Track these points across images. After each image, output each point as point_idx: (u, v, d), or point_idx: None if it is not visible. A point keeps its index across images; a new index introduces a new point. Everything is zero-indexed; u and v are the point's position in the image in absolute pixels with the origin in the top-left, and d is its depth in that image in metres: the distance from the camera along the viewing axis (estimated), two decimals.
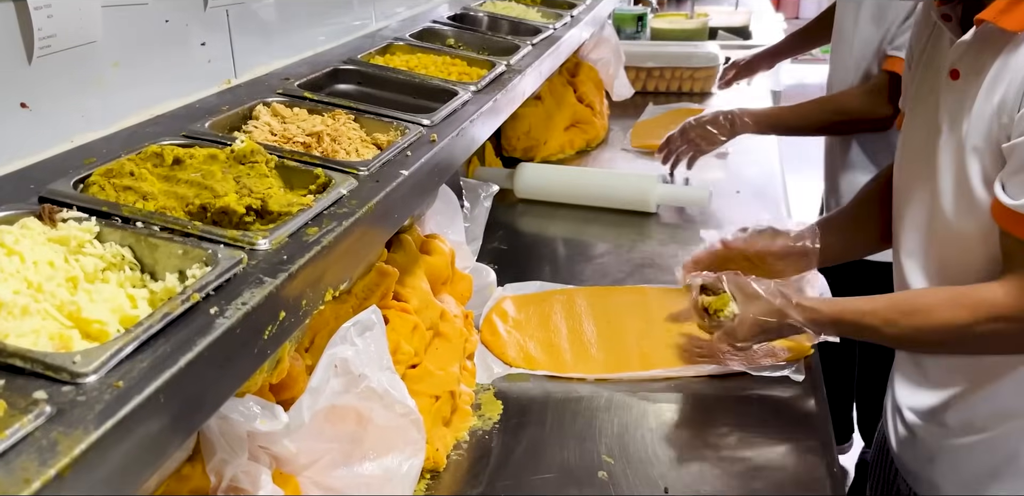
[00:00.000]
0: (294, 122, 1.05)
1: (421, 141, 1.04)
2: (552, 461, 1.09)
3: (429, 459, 1.05)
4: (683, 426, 1.16)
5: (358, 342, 0.84)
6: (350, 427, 0.87)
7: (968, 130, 1.03)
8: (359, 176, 0.90)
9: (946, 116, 1.08)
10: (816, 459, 1.09)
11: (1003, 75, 1.00)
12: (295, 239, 0.74)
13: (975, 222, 1.06)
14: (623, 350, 1.32)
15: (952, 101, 1.07)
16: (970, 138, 1.04)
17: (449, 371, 1.13)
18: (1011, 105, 0.98)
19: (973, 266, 1.07)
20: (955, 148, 1.07)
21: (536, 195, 1.95)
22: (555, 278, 1.58)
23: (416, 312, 1.11)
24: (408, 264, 1.17)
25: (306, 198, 0.81)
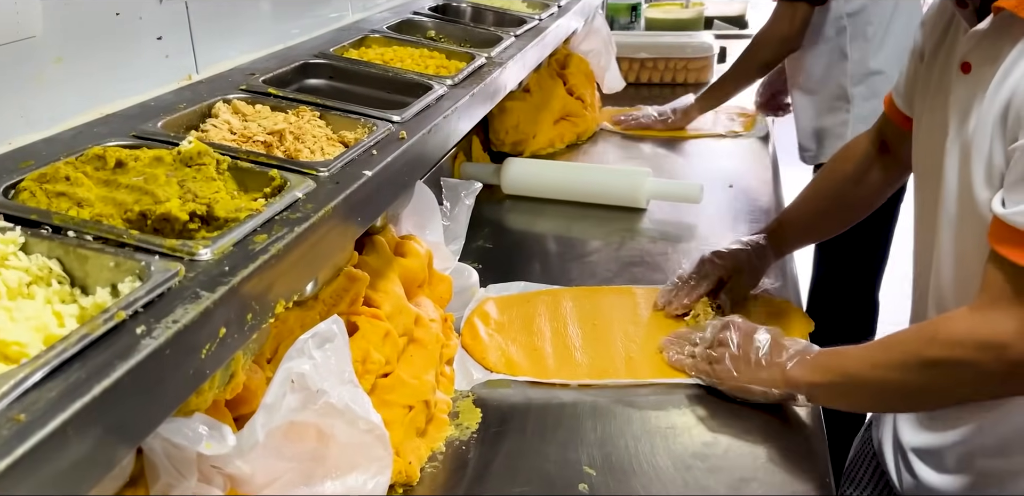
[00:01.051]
0: (255, 120, 1.00)
1: (389, 139, 0.99)
2: (531, 473, 1.04)
3: (402, 473, 1.00)
4: (668, 435, 1.11)
5: (316, 355, 0.79)
6: (310, 445, 0.82)
7: (975, 128, 0.96)
8: (318, 178, 0.85)
9: (955, 114, 1.01)
10: (808, 469, 1.04)
11: (1016, 68, 0.92)
12: (241, 248, 0.69)
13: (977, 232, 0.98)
14: (608, 355, 1.27)
15: (962, 97, 1.00)
16: (976, 137, 0.96)
17: (424, 379, 1.08)
18: (1020, 101, 0.90)
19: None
20: (961, 148, 0.99)
21: (523, 191, 1.90)
22: (541, 277, 1.53)
23: (388, 318, 1.06)
24: (381, 267, 1.12)
25: (257, 202, 0.76)
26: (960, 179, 1.00)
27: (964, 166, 0.99)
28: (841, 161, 1.42)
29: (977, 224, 0.97)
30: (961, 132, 1.00)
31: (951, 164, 1.02)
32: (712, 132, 2.28)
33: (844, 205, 1.42)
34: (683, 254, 1.62)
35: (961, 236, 1.02)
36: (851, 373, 1.02)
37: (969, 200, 0.98)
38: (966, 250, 1.01)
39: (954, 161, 1.01)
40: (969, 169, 0.98)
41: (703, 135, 2.27)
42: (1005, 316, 0.88)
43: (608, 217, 1.81)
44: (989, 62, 0.96)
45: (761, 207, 1.83)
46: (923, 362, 0.94)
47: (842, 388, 1.05)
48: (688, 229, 1.74)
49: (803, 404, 1.13)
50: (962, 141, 0.99)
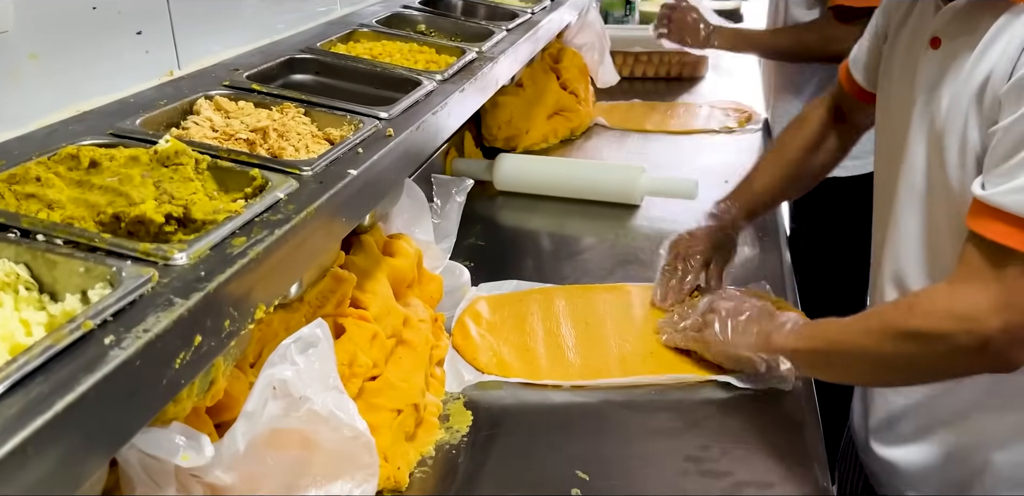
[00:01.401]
0: (238, 117, 0.97)
1: (376, 136, 0.96)
2: (522, 478, 1.02)
3: (390, 479, 0.98)
4: (663, 437, 1.08)
5: (299, 361, 0.77)
6: (294, 452, 0.80)
7: (949, 105, 0.96)
8: (301, 177, 0.82)
9: (922, 89, 1.01)
10: (806, 474, 1.02)
11: (994, 46, 0.92)
12: (218, 251, 0.66)
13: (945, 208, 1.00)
14: (601, 354, 1.25)
15: (931, 72, 1.00)
16: (950, 114, 0.96)
17: (413, 382, 1.05)
18: (998, 80, 0.90)
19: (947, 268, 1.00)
20: (929, 124, 1.00)
21: (516, 187, 1.87)
22: (534, 275, 1.50)
23: (376, 319, 1.04)
24: (369, 267, 1.09)
25: (236, 204, 0.74)
26: (928, 155, 1.01)
27: (933, 142, 0.99)
28: (798, 129, 1.46)
29: (946, 200, 0.98)
30: (929, 107, 1.00)
31: (917, 139, 1.02)
32: (707, 128, 2.25)
33: (804, 172, 1.46)
34: None
35: (929, 211, 1.02)
36: (832, 340, 1.03)
37: (939, 176, 0.99)
38: (933, 225, 1.02)
39: (920, 136, 1.01)
40: (940, 145, 0.98)
41: (698, 131, 2.24)
42: (981, 291, 0.89)
43: (602, 214, 1.78)
44: (963, 37, 0.96)
45: None
46: (899, 332, 0.94)
47: (822, 355, 1.06)
48: (683, 226, 1.69)
49: (786, 375, 1.13)
50: (931, 117, 0.99)
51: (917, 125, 1.02)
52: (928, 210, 1.02)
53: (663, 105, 2.43)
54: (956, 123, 0.95)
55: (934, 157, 1.00)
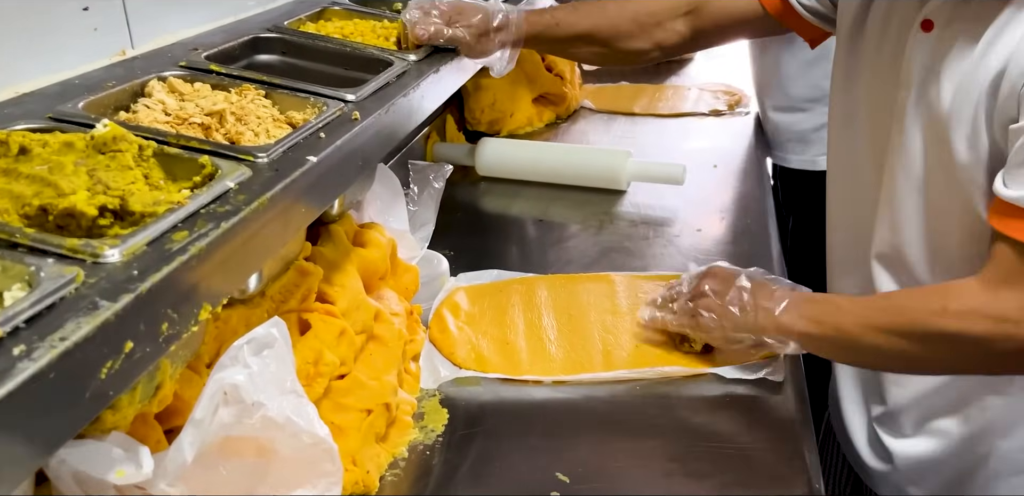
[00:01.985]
0: (194, 100, 0.91)
1: (341, 120, 0.90)
2: (500, 480, 0.97)
3: (359, 483, 0.92)
4: (647, 436, 1.03)
5: (253, 363, 0.71)
6: (250, 460, 0.74)
7: (955, 94, 0.91)
8: (255, 164, 0.76)
9: (917, 73, 0.96)
10: (797, 475, 0.97)
11: (1005, 36, 0.88)
12: (155, 248, 0.60)
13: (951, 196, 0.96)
14: (584, 348, 1.20)
15: (924, 57, 0.96)
16: (956, 104, 0.92)
17: (384, 380, 1.00)
18: (1016, 74, 0.85)
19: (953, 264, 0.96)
20: (928, 111, 0.95)
21: (499, 172, 1.81)
22: (516, 264, 1.45)
23: (344, 314, 0.98)
24: (337, 259, 1.04)
25: (180, 194, 0.68)
26: (926, 142, 0.96)
27: (933, 130, 0.95)
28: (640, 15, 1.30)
29: (952, 188, 0.95)
30: (926, 95, 0.95)
31: (912, 124, 0.97)
32: (696, 111, 2.19)
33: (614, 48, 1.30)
34: (665, 238, 1.54)
35: (929, 194, 0.98)
36: (848, 330, 0.97)
37: (940, 162, 0.95)
38: (933, 207, 0.98)
39: (916, 122, 0.97)
40: (943, 135, 0.93)
41: (686, 114, 2.18)
42: (1018, 293, 0.86)
43: (587, 200, 1.72)
44: (964, 23, 0.91)
45: (748, 189, 1.75)
46: (930, 333, 0.91)
47: (836, 342, 1.01)
48: (671, 212, 1.66)
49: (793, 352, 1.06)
50: (928, 104, 0.95)
51: (912, 111, 0.98)
52: (928, 192, 0.98)
53: (651, 88, 2.37)
54: (963, 113, 0.91)
55: (934, 144, 0.95)
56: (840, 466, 1.27)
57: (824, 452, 1.32)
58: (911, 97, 0.98)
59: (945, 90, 0.93)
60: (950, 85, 0.92)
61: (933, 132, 0.95)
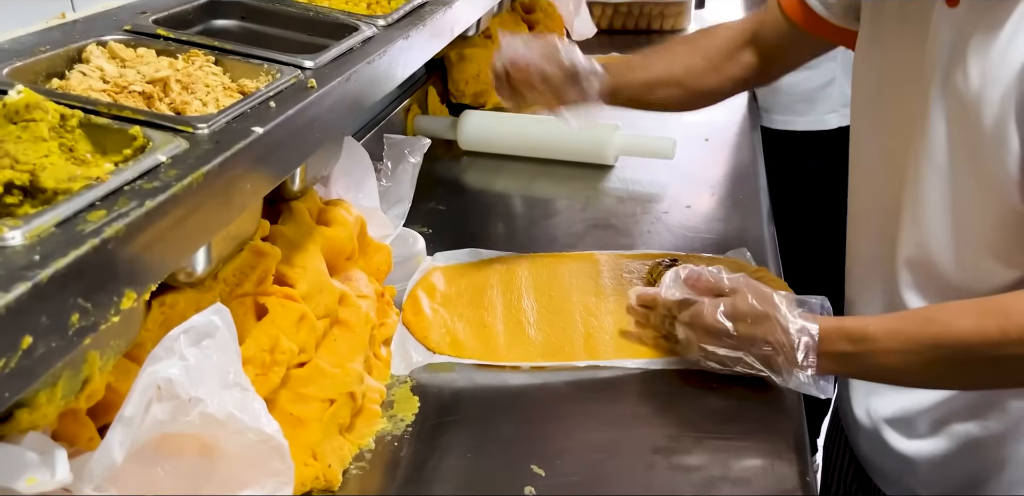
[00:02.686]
0: (135, 66, 0.83)
1: (295, 88, 0.83)
2: (471, 474, 0.91)
3: (319, 478, 0.87)
4: (629, 426, 0.98)
5: (190, 355, 0.65)
6: (190, 459, 0.68)
7: (981, 77, 0.83)
8: (194, 136, 0.69)
9: (944, 53, 0.87)
10: (787, 466, 0.91)
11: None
12: (66, 229, 0.54)
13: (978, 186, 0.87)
14: (565, 332, 1.13)
15: (949, 35, 0.87)
16: (984, 89, 0.83)
17: (348, 368, 0.94)
18: None
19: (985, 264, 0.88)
20: (952, 96, 0.87)
21: (482, 146, 1.74)
22: (497, 243, 1.39)
23: (305, 298, 0.92)
24: (299, 239, 0.97)
25: (101, 169, 0.61)
26: (950, 128, 0.88)
27: (958, 114, 0.87)
28: (702, 39, 1.27)
29: (981, 179, 0.86)
30: (952, 75, 0.87)
31: (936, 108, 0.89)
32: None
33: (691, 88, 1.25)
34: (653, 215, 1.48)
35: (957, 189, 0.90)
36: (892, 367, 0.88)
37: (970, 154, 0.87)
38: (964, 205, 0.90)
39: (940, 106, 0.89)
40: (971, 122, 0.85)
41: None
42: None
43: (573, 175, 1.66)
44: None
45: (740, 163, 1.68)
46: (992, 361, 0.82)
47: (880, 376, 0.95)
48: (660, 187, 1.59)
49: None
50: (954, 86, 0.86)
51: (937, 94, 0.89)
52: (954, 184, 0.89)
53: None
54: (992, 98, 0.83)
55: (960, 131, 0.87)
56: (846, 462, 1.21)
57: (830, 447, 1.27)
58: (934, 79, 0.89)
59: (972, 72, 0.84)
60: (977, 67, 0.84)
61: (959, 118, 0.87)
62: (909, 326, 0.88)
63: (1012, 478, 0.97)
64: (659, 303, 1.03)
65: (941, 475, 1.02)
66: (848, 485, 1.21)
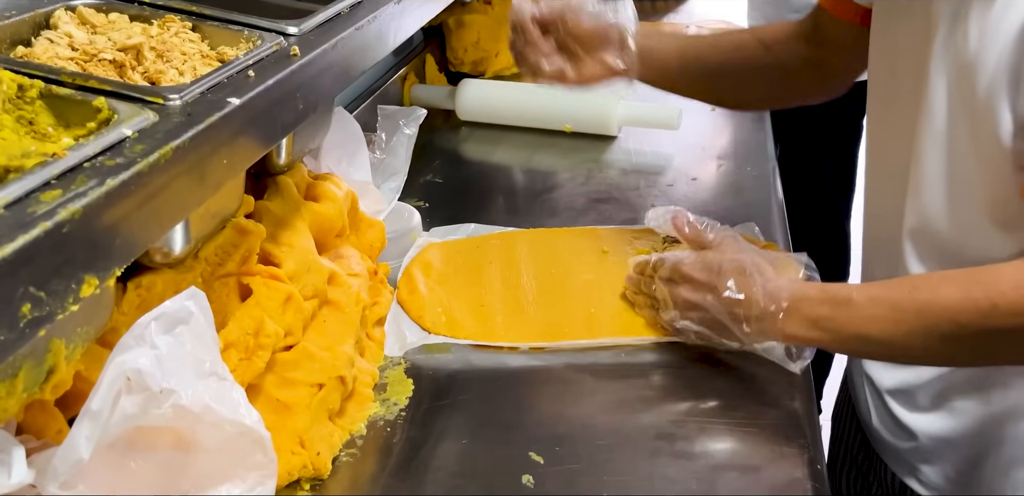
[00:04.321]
0: (107, 33, 0.78)
1: (277, 56, 0.78)
2: (466, 462, 0.87)
3: (307, 467, 0.83)
4: (631, 410, 0.94)
5: (162, 343, 0.61)
6: (165, 454, 0.64)
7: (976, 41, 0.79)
8: (165, 108, 0.64)
9: (944, 18, 0.84)
10: (797, 453, 0.87)
11: None
12: (16, 210, 0.49)
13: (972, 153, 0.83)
14: (565, 310, 1.09)
15: None
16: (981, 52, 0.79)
17: (338, 350, 0.90)
18: None
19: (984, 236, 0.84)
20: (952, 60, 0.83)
21: (481, 117, 1.69)
22: (496, 217, 1.34)
23: (292, 278, 0.87)
24: (286, 215, 0.93)
25: (57, 144, 0.56)
26: (949, 92, 0.84)
27: (958, 80, 0.83)
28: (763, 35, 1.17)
29: (978, 149, 0.83)
30: (953, 38, 0.83)
31: (938, 72, 0.85)
32: None
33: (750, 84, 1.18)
34: (657, 188, 1.43)
35: (954, 156, 0.86)
36: (872, 336, 0.84)
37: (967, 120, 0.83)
38: (960, 174, 0.86)
39: (941, 69, 0.85)
40: (967, 87, 0.81)
41: None
42: None
43: (575, 146, 1.60)
44: None
45: (749, 134, 1.63)
46: (979, 332, 0.78)
47: (858, 347, 0.90)
48: (664, 159, 1.54)
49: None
50: (955, 50, 0.82)
51: (939, 56, 0.85)
52: (951, 150, 0.86)
53: (646, 26, 2.22)
54: (986, 61, 0.79)
55: (957, 93, 0.83)
56: (853, 432, 1.18)
57: (839, 416, 1.24)
58: (939, 40, 0.85)
59: (972, 33, 0.80)
60: (976, 28, 0.80)
61: (957, 81, 0.83)
62: (894, 293, 0.84)
63: (1012, 456, 0.94)
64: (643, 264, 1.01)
65: (942, 449, 1.00)
66: (855, 455, 1.18)
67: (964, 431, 0.96)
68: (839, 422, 1.24)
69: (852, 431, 1.19)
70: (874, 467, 1.11)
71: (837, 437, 1.23)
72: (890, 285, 0.87)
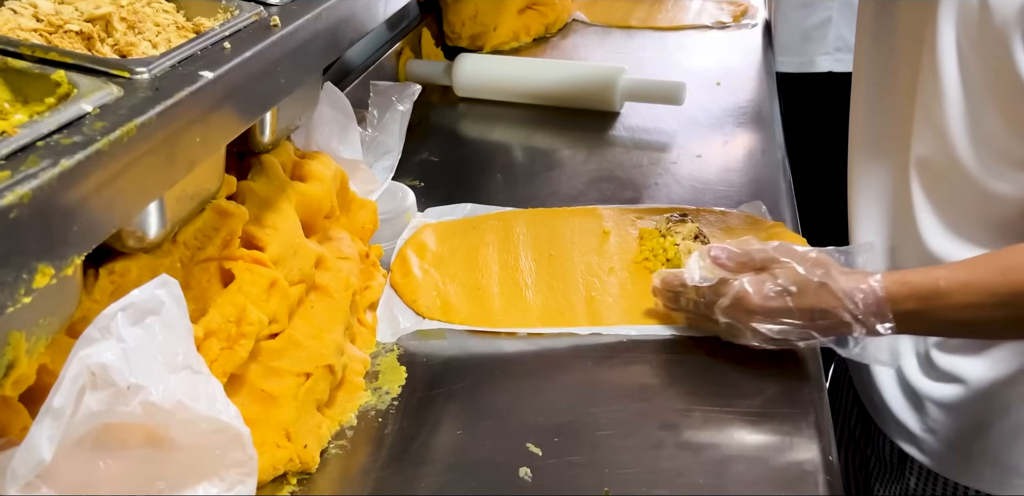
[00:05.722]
0: (74, 3, 0.73)
1: (256, 27, 0.73)
2: (461, 454, 0.84)
3: (294, 460, 0.79)
4: (634, 399, 0.90)
5: (129, 336, 0.56)
6: (137, 452, 0.60)
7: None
8: (132, 82, 0.60)
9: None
10: (807, 444, 0.83)
11: None
12: None
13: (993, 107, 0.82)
14: (565, 295, 1.05)
15: None
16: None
17: (326, 338, 0.86)
18: None
19: None
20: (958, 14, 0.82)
21: (479, 93, 1.64)
22: (494, 197, 1.29)
23: (277, 262, 0.83)
24: (270, 196, 0.88)
25: (8, 122, 0.52)
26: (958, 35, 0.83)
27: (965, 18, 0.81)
28: None
29: (989, 77, 0.81)
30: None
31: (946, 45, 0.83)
32: (698, 23, 2.00)
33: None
34: (661, 166, 1.38)
35: (970, 96, 0.84)
36: (969, 321, 0.81)
37: (976, 55, 0.82)
38: (979, 115, 0.84)
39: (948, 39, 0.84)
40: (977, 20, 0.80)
41: (687, 27, 1.99)
42: None
43: (576, 123, 1.55)
44: None
45: (752, 109, 1.57)
46: None
47: (948, 332, 0.89)
48: (668, 136, 1.49)
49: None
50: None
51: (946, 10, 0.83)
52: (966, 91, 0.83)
53: None
54: None
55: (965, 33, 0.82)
56: (850, 405, 1.15)
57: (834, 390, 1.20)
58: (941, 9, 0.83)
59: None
60: None
61: (965, 19, 0.82)
62: (985, 276, 0.79)
63: (1018, 423, 0.91)
64: (689, 287, 0.93)
65: (946, 417, 0.97)
66: (852, 431, 1.15)
67: (969, 397, 0.94)
68: (835, 397, 1.20)
69: (849, 405, 1.16)
70: (872, 441, 1.09)
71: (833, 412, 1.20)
72: (976, 267, 0.81)
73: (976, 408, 0.94)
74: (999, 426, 0.93)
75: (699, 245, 1.06)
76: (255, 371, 0.80)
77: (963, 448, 0.96)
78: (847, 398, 1.17)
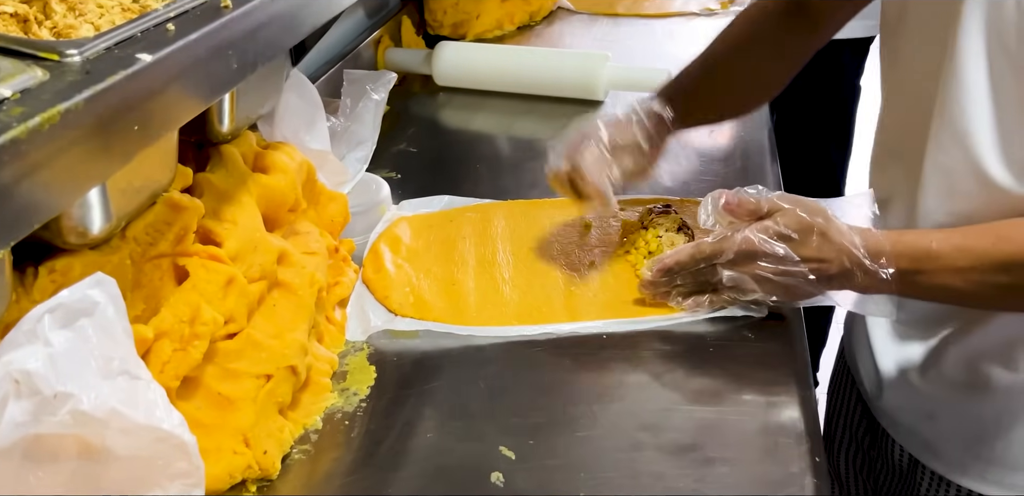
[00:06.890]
0: None
1: (205, 8, 0.69)
2: (432, 458, 0.80)
3: (253, 467, 0.75)
4: (613, 398, 0.86)
5: (57, 340, 0.52)
6: (70, 464, 0.56)
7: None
8: (61, 65, 0.55)
9: None
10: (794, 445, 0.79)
11: None
12: None
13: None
14: (544, 290, 1.01)
15: None
16: None
17: (289, 338, 0.81)
18: None
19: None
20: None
21: (460, 82, 1.59)
22: (473, 189, 1.25)
23: (235, 258, 0.79)
24: (230, 188, 0.84)
25: None
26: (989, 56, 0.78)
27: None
28: (739, 25, 1.18)
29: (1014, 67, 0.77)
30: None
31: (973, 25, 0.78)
32: (685, 10, 1.95)
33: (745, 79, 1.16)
34: None
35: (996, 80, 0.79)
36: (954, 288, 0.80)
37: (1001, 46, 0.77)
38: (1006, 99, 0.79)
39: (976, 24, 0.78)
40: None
41: (674, 14, 1.94)
42: None
43: (559, 112, 1.51)
44: None
45: None
46: None
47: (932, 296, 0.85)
48: None
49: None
50: None
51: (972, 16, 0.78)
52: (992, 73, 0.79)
53: None
54: None
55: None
56: (852, 405, 1.11)
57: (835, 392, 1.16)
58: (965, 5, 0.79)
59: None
60: None
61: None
62: (980, 243, 0.78)
63: None
64: (688, 257, 0.91)
65: (960, 422, 0.93)
66: (855, 431, 1.12)
67: (983, 400, 0.90)
68: (836, 395, 1.16)
69: (852, 403, 1.12)
70: (878, 443, 1.05)
71: (834, 411, 1.16)
72: (970, 233, 0.80)
73: (992, 413, 0.91)
74: (1018, 431, 0.89)
75: (682, 237, 1.02)
76: (211, 373, 0.76)
77: (978, 454, 0.92)
78: (850, 396, 1.13)
